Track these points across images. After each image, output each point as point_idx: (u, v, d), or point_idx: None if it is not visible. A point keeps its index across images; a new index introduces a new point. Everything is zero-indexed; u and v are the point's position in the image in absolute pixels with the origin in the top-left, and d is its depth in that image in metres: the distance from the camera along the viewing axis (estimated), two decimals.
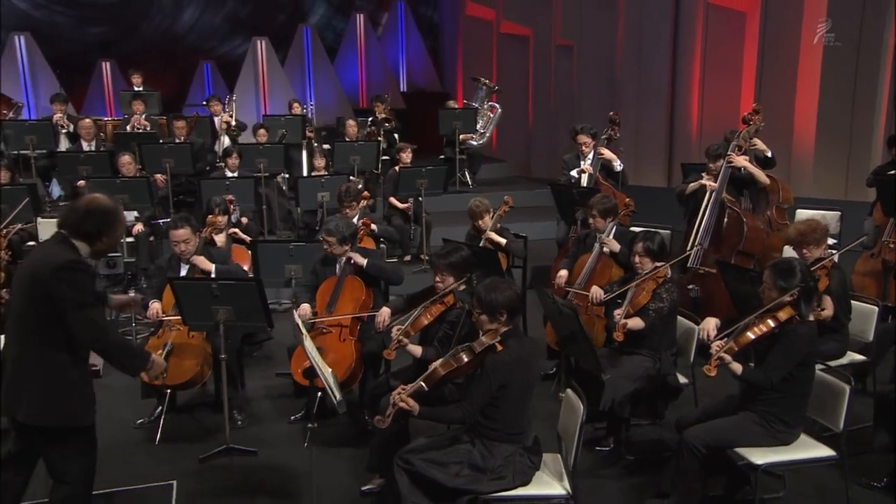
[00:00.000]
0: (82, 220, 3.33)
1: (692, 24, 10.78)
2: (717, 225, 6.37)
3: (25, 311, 3.30)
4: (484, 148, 13.15)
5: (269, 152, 8.39)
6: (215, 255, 5.49)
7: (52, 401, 3.32)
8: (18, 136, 8.93)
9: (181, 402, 5.58)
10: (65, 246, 3.31)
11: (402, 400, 3.64)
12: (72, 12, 14.04)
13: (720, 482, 4.30)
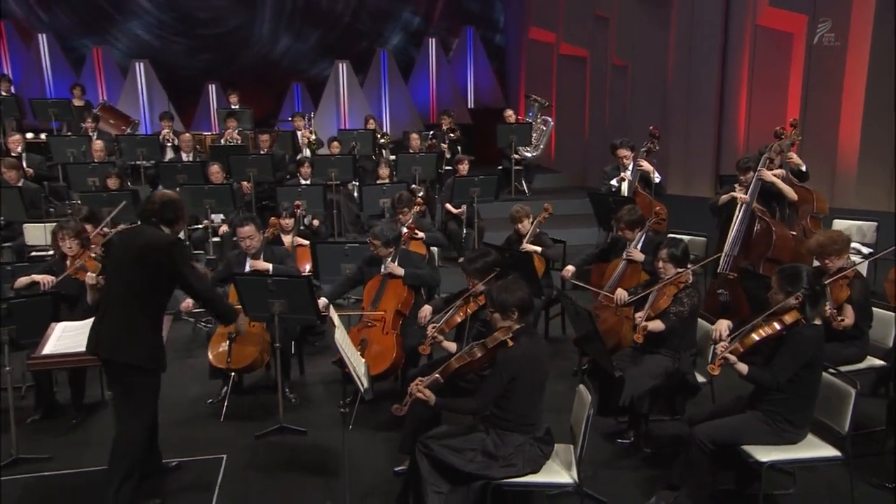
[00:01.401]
0: (163, 209, 3.80)
1: (740, 45, 10.33)
2: (747, 233, 6.08)
3: (133, 278, 3.67)
4: (542, 160, 13.01)
5: (340, 163, 8.47)
6: (276, 253, 5.55)
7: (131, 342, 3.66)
8: (131, 149, 9.29)
9: (247, 384, 5.64)
10: (158, 229, 3.78)
11: (419, 391, 3.59)
12: (186, 41, 14.54)
13: (730, 477, 4.08)
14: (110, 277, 3.91)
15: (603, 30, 12.05)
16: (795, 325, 3.70)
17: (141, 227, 3.90)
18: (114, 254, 3.97)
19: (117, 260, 3.85)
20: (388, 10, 15.05)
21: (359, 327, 5.22)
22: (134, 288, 3.68)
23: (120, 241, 3.99)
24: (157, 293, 3.76)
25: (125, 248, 3.80)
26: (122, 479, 3.57)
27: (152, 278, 3.69)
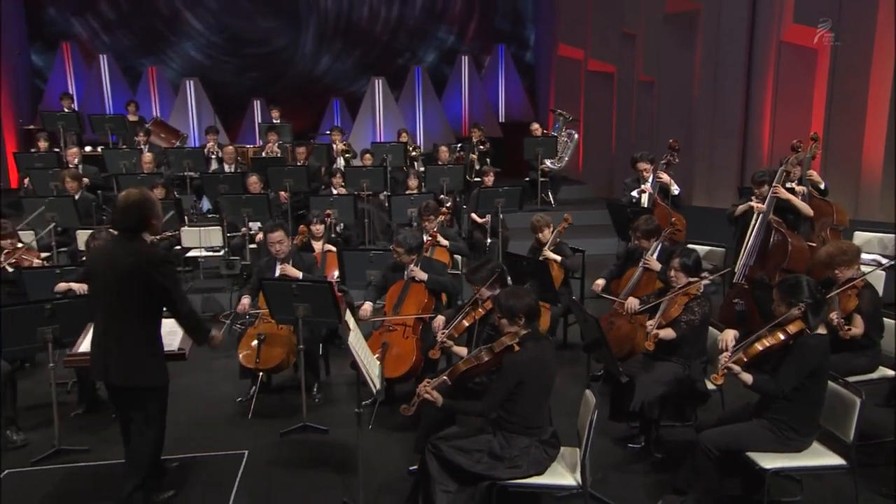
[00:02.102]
0: (125, 217, 3.50)
1: (765, 61, 10.12)
2: (763, 244, 5.91)
3: (129, 299, 3.48)
4: (570, 172, 12.91)
5: (371, 174, 8.51)
6: (305, 259, 5.59)
7: (142, 365, 3.54)
8: (179, 161, 9.45)
9: (275, 384, 5.68)
10: (142, 242, 3.54)
11: (427, 392, 3.56)
12: (234, 61, 14.81)
13: (737, 483, 3.95)
14: (100, 298, 3.56)
15: (630, 47, 11.93)
16: (800, 334, 3.58)
17: (119, 241, 3.58)
18: (98, 273, 3.59)
19: (104, 280, 3.53)
20: (423, 30, 15.13)
21: (380, 331, 5.23)
22: (132, 309, 3.50)
23: (100, 259, 3.63)
24: (154, 309, 3.60)
25: (110, 267, 3.52)
26: (136, 486, 3.54)
27: (148, 296, 3.51)
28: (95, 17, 14.29)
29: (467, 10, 15.13)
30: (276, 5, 14.55)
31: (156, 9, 14.36)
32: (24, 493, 3.68)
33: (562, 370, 5.80)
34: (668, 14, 10.96)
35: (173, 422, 5.10)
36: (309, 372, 5.23)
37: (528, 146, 9.89)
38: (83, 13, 14.22)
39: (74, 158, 9.16)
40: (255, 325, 5.37)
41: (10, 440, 4.78)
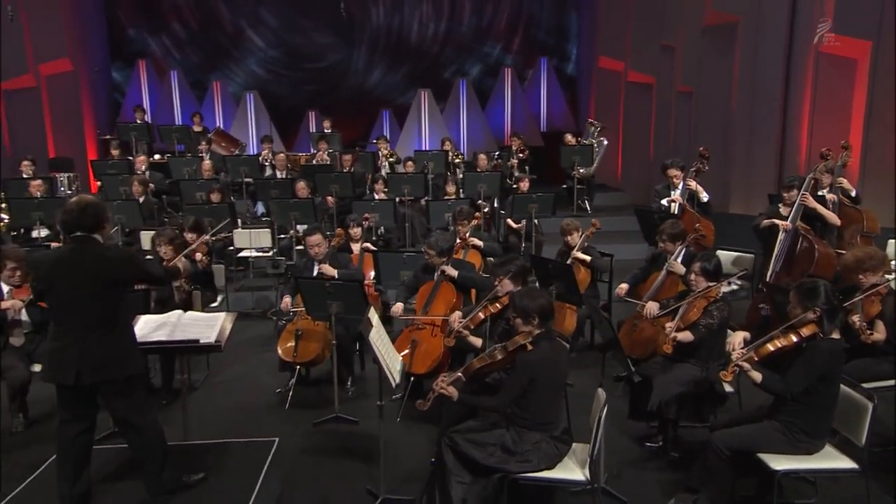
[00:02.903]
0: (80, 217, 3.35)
1: (803, 71, 9.78)
2: (790, 250, 5.72)
3: (104, 300, 3.34)
4: (609, 179, 12.74)
5: (412, 180, 8.56)
6: (341, 259, 5.65)
7: (121, 357, 3.38)
8: (236, 168, 9.70)
9: (312, 377, 5.76)
10: (99, 245, 3.41)
11: (443, 387, 3.56)
12: (292, 74, 15.11)
13: (752, 483, 3.82)
14: (70, 303, 3.34)
15: (669, 58, 11.70)
16: (813, 338, 3.45)
17: (80, 245, 3.38)
18: (64, 279, 3.34)
19: (76, 285, 3.32)
20: (469, 45, 15.16)
21: (410, 329, 5.25)
22: (109, 308, 3.36)
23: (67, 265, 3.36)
24: (125, 301, 3.48)
25: (79, 271, 3.33)
26: (161, 469, 3.49)
27: (120, 293, 3.43)
28: (168, 36, 14.80)
29: (512, 25, 15.10)
30: (331, 22, 14.79)
31: (222, 27, 14.79)
32: None
33: (586, 370, 5.74)
34: (706, 26, 10.71)
35: (216, 408, 5.30)
36: (342, 366, 5.28)
37: (564, 154, 9.82)
38: (158, 33, 14.75)
39: (142, 165, 9.50)
40: (294, 321, 5.45)
41: None
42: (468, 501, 3.49)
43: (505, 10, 15.01)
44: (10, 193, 8.67)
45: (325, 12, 14.43)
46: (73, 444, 3.42)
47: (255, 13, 14.78)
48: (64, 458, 3.43)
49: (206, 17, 14.72)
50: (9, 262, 4.96)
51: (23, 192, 8.51)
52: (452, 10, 15.04)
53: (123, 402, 3.42)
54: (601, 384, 3.67)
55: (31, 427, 4.99)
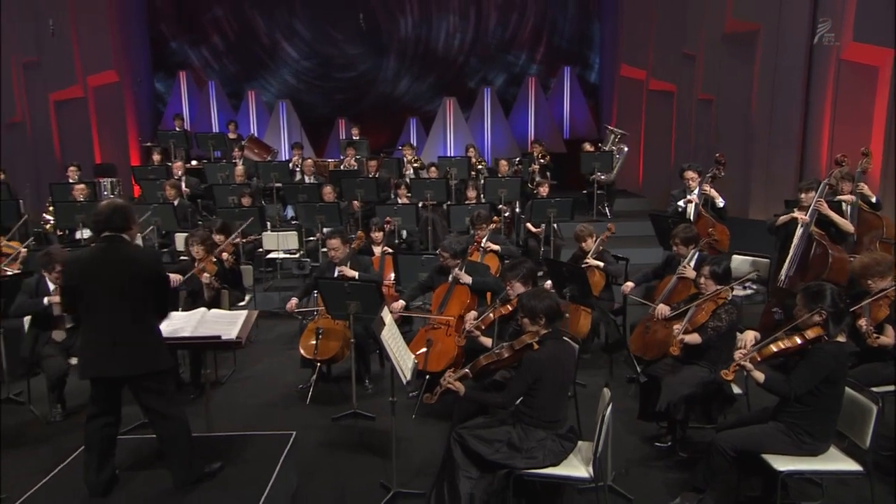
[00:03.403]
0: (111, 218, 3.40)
1: (824, 78, 9.58)
2: (804, 255, 5.60)
3: (135, 295, 3.39)
4: (630, 185, 12.63)
5: (435, 185, 8.59)
6: (361, 262, 5.70)
7: (152, 352, 3.45)
8: (267, 173, 9.84)
9: (334, 374, 5.81)
10: (127, 244, 3.46)
11: (450, 383, 3.57)
12: (323, 84, 15.29)
13: (758, 484, 3.76)
14: (100, 301, 3.38)
15: (689, 66, 11.55)
16: (818, 340, 3.38)
17: (111, 244, 3.43)
18: (92, 276, 3.39)
19: (107, 282, 3.36)
20: (494, 54, 15.18)
21: (426, 328, 5.27)
22: (139, 303, 3.41)
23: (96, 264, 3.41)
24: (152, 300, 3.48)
25: (109, 269, 3.38)
26: (188, 460, 3.53)
27: (149, 291, 3.44)
28: (208, 48, 15.09)
29: (536, 35, 15.08)
30: (362, 34, 14.93)
31: (258, 39, 15.03)
32: None
33: (600, 371, 5.69)
34: (726, 34, 10.57)
35: (240, 403, 5.38)
36: (360, 363, 5.32)
37: (584, 161, 9.76)
38: (198, 45, 15.05)
39: (178, 171, 9.70)
40: (315, 320, 5.51)
41: None
42: (475, 496, 3.49)
43: (529, 20, 14.99)
44: (56, 197, 8.93)
45: (355, 24, 14.59)
46: (99, 435, 3.49)
47: (290, 25, 14.99)
48: (90, 448, 3.51)
49: (244, 29, 14.97)
50: (56, 264, 5.12)
51: (67, 196, 8.75)
52: (478, 21, 15.07)
53: (154, 395, 3.47)
54: (607, 383, 3.63)
55: (69, 417, 5.13)
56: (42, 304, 5.05)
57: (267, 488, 3.49)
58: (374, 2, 14.93)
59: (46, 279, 5.16)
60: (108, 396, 3.50)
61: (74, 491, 3.53)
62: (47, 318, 5.10)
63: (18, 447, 4.67)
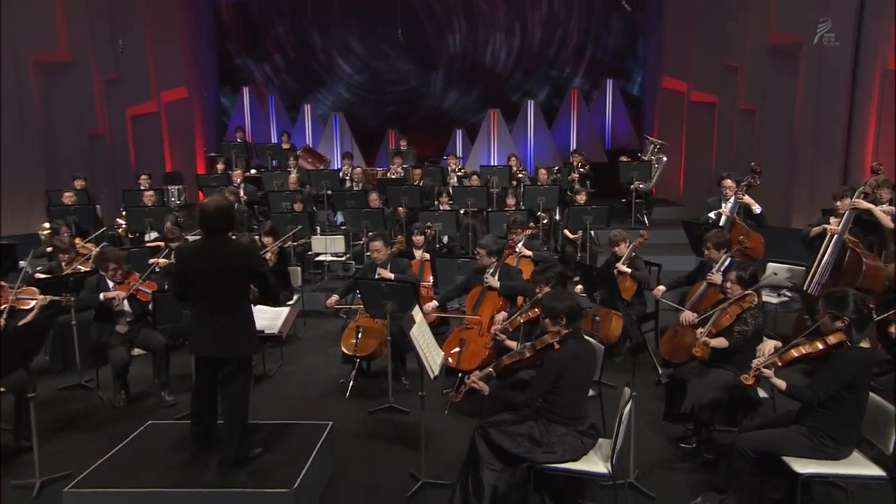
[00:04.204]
0: (217, 217, 3.61)
1: (868, 89, 9.24)
2: (837, 262, 5.42)
3: (232, 285, 3.63)
4: (671, 194, 12.39)
5: (475, 193, 8.63)
6: (400, 264, 5.78)
7: (243, 337, 3.70)
8: (319, 181, 10.08)
9: (374, 370, 5.90)
10: (229, 239, 3.68)
11: (474, 382, 3.60)
12: (375, 97, 15.51)
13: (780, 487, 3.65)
14: (206, 290, 3.64)
15: (732, 78, 11.28)
16: (840, 345, 3.27)
17: (213, 240, 3.65)
18: (196, 265, 3.64)
19: (205, 271, 3.62)
20: (539, 68, 15.13)
21: (460, 328, 5.31)
22: (236, 292, 3.66)
23: (201, 255, 3.66)
24: (247, 292, 3.77)
25: (211, 261, 3.61)
26: (240, 438, 3.71)
27: (244, 282, 3.70)
28: (269, 65, 15.54)
29: (579, 49, 14.97)
30: (412, 50, 15.12)
31: (315, 56, 15.40)
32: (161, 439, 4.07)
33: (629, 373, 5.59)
34: (770, 46, 10.29)
35: (285, 394, 5.52)
36: (397, 361, 5.40)
37: (623, 170, 9.65)
38: (261, 62, 15.52)
39: (237, 179, 10.03)
40: (355, 319, 5.62)
41: (163, 400, 5.33)
42: (498, 487, 3.50)
43: (573, 35, 14.91)
44: (128, 202, 9.35)
45: (406, 40, 14.81)
46: (198, 410, 3.79)
47: (345, 43, 15.31)
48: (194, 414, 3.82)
49: (303, 47, 15.37)
50: (110, 264, 5.38)
51: (138, 202, 9.16)
52: (523, 36, 15.07)
53: (235, 377, 3.68)
54: (628, 383, 3.60)
55: (131, 403, 5.38)
56: (98, 298, 5.31)
57: (302, 472, 3.59)
58: (425, 19, 15.12)
59: (106, 277, 5.43)
60: (207, 373, 3.75)
61: (131, 467, 3.71)
62: (107, 312, 5.36)
63: (87, 429, 4.93)
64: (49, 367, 6.09)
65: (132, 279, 5.49)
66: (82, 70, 11.26)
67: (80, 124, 11.37)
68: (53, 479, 4.01)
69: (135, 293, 5.39)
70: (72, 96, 11.14)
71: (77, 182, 9.61)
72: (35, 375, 5.37)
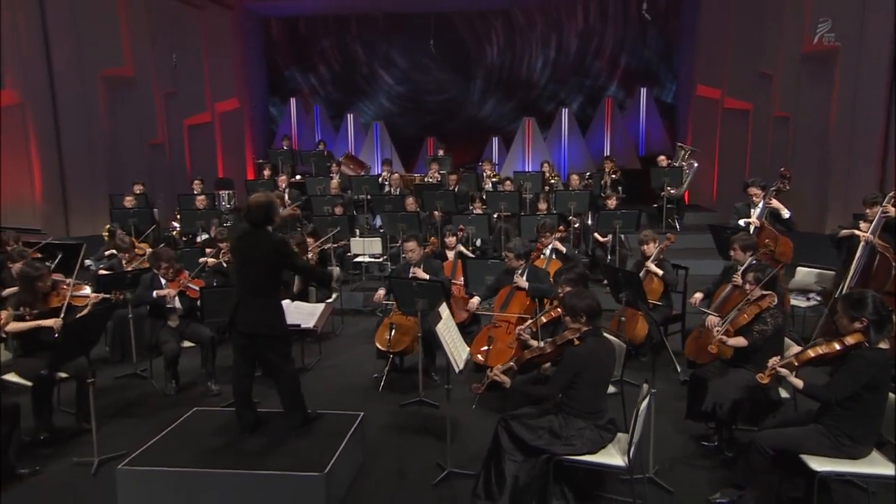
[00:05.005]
0: (257, 212, 3.95)
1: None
2: (867, 266, 5.27)
3: (267, 272, 3.99)
4: (704, 200, 12.18)
5: (508, 197, 8.66)
6: (433, 265, 5.86)
7: (270, 319, 4.01)
8: (359, 186, 10.23)
9: (406, 365, 5.98)
10: (266, 232, 4.00)
11: (496, 374, 3.64)
12: (415, 106, 15.67)
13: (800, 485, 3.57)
14: (242, 274, 4.03)
15: (766, 85, 11.04)
16: (858, 346, 3.20)
17: (253, 231, 4.00)
18: (239, 251, 4.05)
19: (244, 260, 4.00)
20: (574, 77, 15.06)
21: (488, 327, 5.36)
22: (271, 279, 4.01)
23: (243, 243, 4.04)
24: (281, 280, 4.15)
25: (251, 249, 3.97)
26: (302, 404, 4.10)
27: (279, 270, 4.08)
28: (315, 76, 15.88)
29: (614, 59, 14.85)
30: (451, 61, 15.25)
31: (358, 68, 15.67)
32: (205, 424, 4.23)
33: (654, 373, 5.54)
34: (804, 54, 10.03)
35: (322, 386, 5.65)
36: (428, 357, 5.47)
37: (654, 176, 9.55)
38: (307, 73, 15.87)
39: (283, 184, 10.28)
40: (389, 316, 5.72)
41: (210, 389, 5.53)
42: (519, 478, 3.54)
43: (608, 45, 14.79)
44: (182, 206, 9.71)
45: (445, 52, 14.95)
46: (241, 385, 4.10)
47: (387, 55, 15.53)
48: (237, 394, 4.12)
49: (347, 59, 15.65)
50: (162, 263, 5.61)
51: (191, 205, 9.50)
52: (559, 47, 15.03)
53: (273, 353, 4.05)
54: (646, 380, 3.59)
55: (181, 391, 5.59)
56: (151, 296, 5.54)
57: (333, 458, 3.69)
58: (465, 33, 15.23)
59: (159, 275, 5.66)
60: (245, 350, 4.06)
61: (177, 449, 3.88)
62: (160, 308, 5.59)
63: (140, 414, 5.15)
64: (109, 357, 6.37)
65: (182, 277, 5.71)
66: (144, 84, 11.75)
67: (142, 134, 11.85)
68: (109, 458, 4.21)
69: (184, 290, 5.61)
70: (134, 109, 11.63)
71: (136, 187, 10.02)
72: (96, 364, 5.67)
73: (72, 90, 10.52)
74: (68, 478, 4.13)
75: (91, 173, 10.88)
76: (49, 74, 10.27)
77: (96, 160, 10.97)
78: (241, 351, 4.08)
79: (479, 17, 15.16)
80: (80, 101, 10.67)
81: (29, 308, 4.61)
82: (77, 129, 10.65)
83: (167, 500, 3.62)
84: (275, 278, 4.04)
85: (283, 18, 15.71)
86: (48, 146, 10.30)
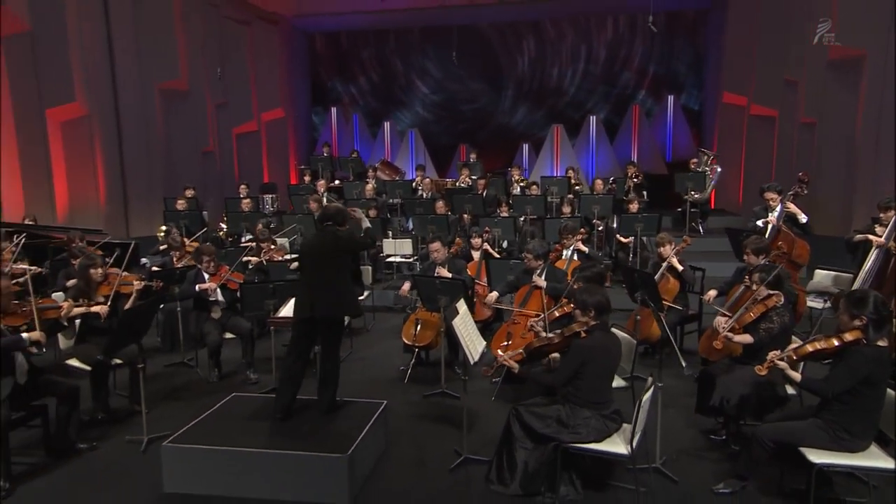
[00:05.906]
0: (335, 216, 4.43)
1: None
2: (881, 269, 5.17)
3: (338, 264, 4.35)
4: (729, 205, 11.98)
5: (534, 201, 8.70)
6: (457, 264, 5.97)
7: (343, 303, 4.35)
8: (393, 190, 10.44)
9: (432, 359, 6.10)
10: (336, 231, 4.41)
11: (505, 359, 3.73)
12: (449, 114, 15.84)
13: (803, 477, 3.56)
14: (317, 266, 4.35)
15: (792, 92, 10.81)
16: (855, 343, 3.19)
17: (327, 230, 4.40)
18: (313, 251, 4.40)
19: (318, 254, 4.35)
20: (602, 86, 14.99)
21: (508, 323, 5.45)
22: (342, 270, 4.36)
23: (317, 242, 4.44)
24: (349, 267, 4.51)
25: (324, 246, 4.34)
26: (335, 390, 4.36)
27: (346, 261, 4.43)
28: (355, 87, 16.20)
29: (642, 68, 14.74)
30: (483, 71, 15.36)
31: (396, 79, 15.93)
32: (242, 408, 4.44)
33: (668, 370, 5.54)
34: (831, 61, 9.80)
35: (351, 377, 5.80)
36: (451, 351, 5.58)
37: (678, 180, 9.47)
38: (348, 83, 16.21)
39: (322, 189, 10.54)
40: (415, 312, 5.86)
41: (249, 378, 5.76)
42: (529, 464, 3.64)
43: (636, 54, 14.69)
44: (229, 209, 10.06)
45: (478, 63, 15.06)
46: (291, 371, 4.30)
47: (422, 66, 15.74)
48: (283, 380, 4.32)
49: (385, 70, 15.92)
50: (205, 256, 5.87)
51: (237, 208, 9.84)
52: (588, 57, 14.99)
53: (334, 335, 4.37)
54: (651, 374, 3.63)
55: (222, 379, 5.84)
56: (194, 290, 5.80)
57: (356, 441, 3.83)
58: (497, 45, 15.32)
59: (202, 270, 5.92)
60: (306, 334, 4.33)
61: (216, 429, 4.09)
62: (204, 302, 5.85)
63: (186, 398, 5.41)
64: (160, 347, 6.69)
65: (223, 270, 5.97)
66: (197, 96, 12.21)
67: (195, 143, 12.31)
68: (157, 437, 4.44)
69: (226, 283, 5.86)
70: (188, 119, 12.10)
71: (187, 191, 10.42)
72: (149, 353, 5.96)
73: (133, 102, 11.03)
74: (121, 454, 4.39)
75: (149, 179, 11.36)
76: (113, 88, 10.78)
77: (154, 166, 11.45)
78: (307, 334, 4.35)
79: (510, 29, 15.23)
80: (140, 112, 11.16)
81: (87, 299, 4.90)
82: (137, 138, 11.15)
83: (206, 474, 3.83)
84: (349, 268, 4.46)
85: (326, 33, 16.08)
86: (111, 154, 10.81)
